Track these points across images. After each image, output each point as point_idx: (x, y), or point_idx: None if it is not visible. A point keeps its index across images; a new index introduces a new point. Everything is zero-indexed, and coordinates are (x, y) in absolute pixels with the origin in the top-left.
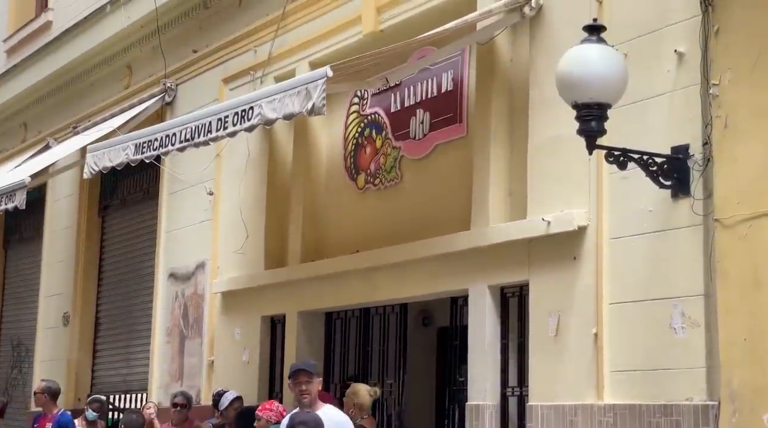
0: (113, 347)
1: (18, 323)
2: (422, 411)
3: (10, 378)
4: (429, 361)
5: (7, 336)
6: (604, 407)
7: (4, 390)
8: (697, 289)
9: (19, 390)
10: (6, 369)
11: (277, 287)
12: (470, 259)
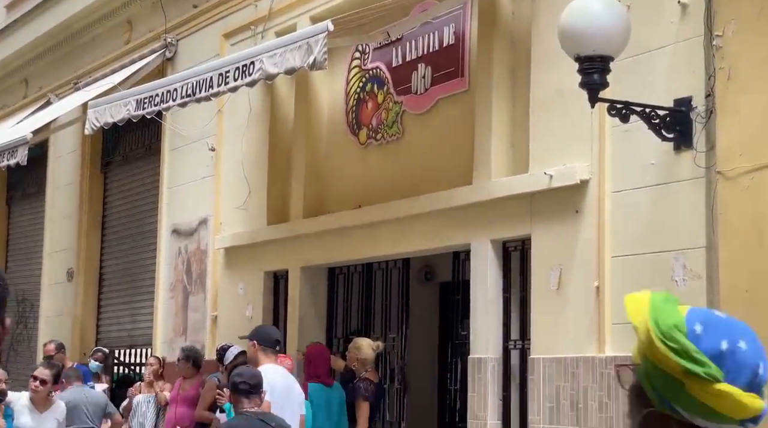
0: (117, 302)
1: (22, 279)
2: (425, 364)
3: (16, 334)
4: (431, 316)
5: (12, 292)
6: (605, 359)
7: (10, 345)
8: (699, 242)
9: (24, 345)
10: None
11: (280, 242)
12: (472, 214)
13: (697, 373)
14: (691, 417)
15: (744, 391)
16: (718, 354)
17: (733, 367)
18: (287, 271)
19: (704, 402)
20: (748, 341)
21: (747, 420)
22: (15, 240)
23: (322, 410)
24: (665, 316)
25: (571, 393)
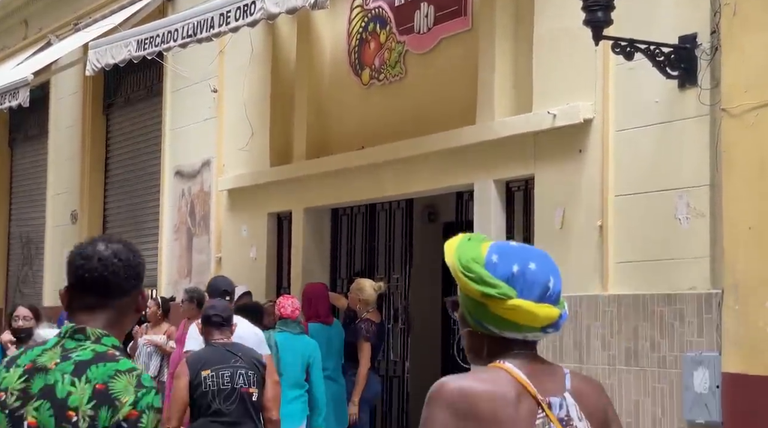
0: None
1: (27, 221)
2: (428, 304)
3: (21, 275)
4: (435, 256)
5: (17, 234)
6: (608, 297)
7: (16, 287)
8: (703, 180)
9: (29, 287)
10: (17, 267)
11: (283, 184)
12: (475, 154)
13: (492, 294)
14: (500, 332)
15: (536, 303)
16: (511, 276)
17: (524, 285)
18: (290, 213)
19: (505, 317)
20: (537, 262)
21: (547, 326)
22: (18, 182)
23: (323, 348)
24: (466, 252)
25: (574, 332)
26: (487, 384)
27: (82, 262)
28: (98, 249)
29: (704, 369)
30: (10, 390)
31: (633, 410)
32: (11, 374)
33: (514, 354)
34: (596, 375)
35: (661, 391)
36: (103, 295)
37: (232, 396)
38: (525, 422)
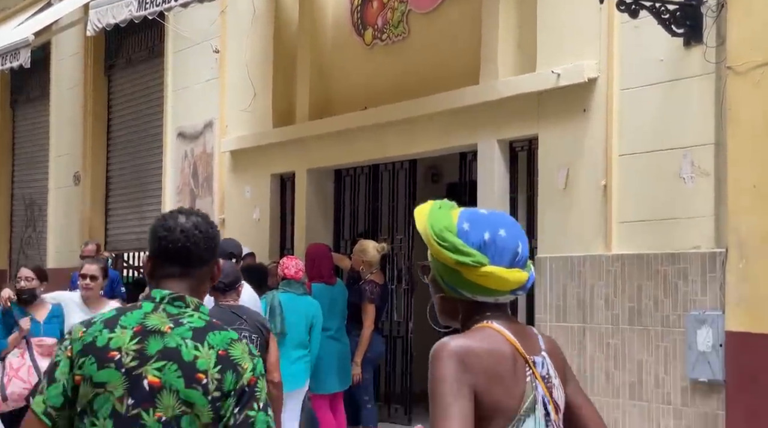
0: (125, 206)
1: (30, 183)
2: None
3: (25, 237)
4: None
5: (20, 196)
6: (611, 257)
7: (20, 249)
8: (708, 138)
9: (34, 248)
10: (20, 229)
11: (286, 145)
12: (479, 114)
13: (467, 262)
14: (473, 296)
15: (507, 269)
16: (483, 244)
17: (496, 252)
18: (293, 174)
19: (478, 283)
20: (507, 229)
21: (516, 289)
22: (20, 144)
23: (326, 308)
24: (438, 220)
25: (577, 291)
26: (485, 342)
27: (165, 234)
28: (180, 222)
29: (707, 327)
30: (125, 350)
31: (636, 369)
32: (119, 335)
33: (493, 316)
34: (600, 335)
35: (665, 350)
36: (185, 265)
37: None
38: (520, 378)
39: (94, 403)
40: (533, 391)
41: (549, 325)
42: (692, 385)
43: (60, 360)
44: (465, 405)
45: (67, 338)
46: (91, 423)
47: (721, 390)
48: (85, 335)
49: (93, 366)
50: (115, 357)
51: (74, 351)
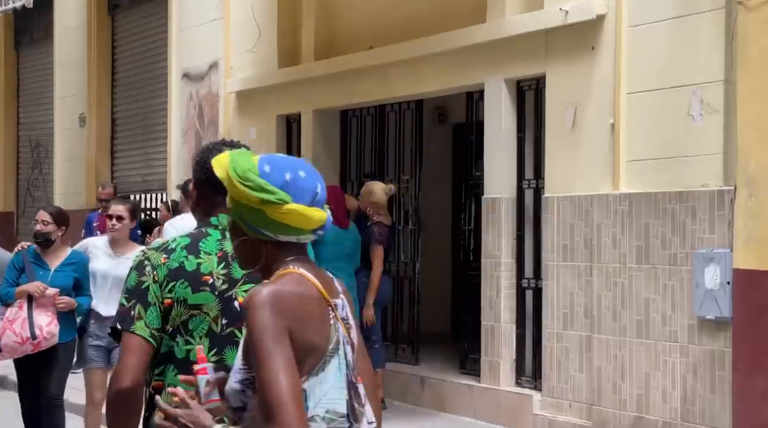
0: (131, 148)
1: (35, 124)
2: (439, 205)
3: (32, 179)
4: (445, 157)
5: (26, 138)
6: (619, 196)
7: (27, 191)
8: (718, 75)
9: (41, 190)
10: (27, 170)
11: (292, 86)
12: (486, 53)
13: (271, 200)
14: (276, 235)
15: (308, 207)
16: (284, 184)
17: (297, 191)
18: (299, 115)
19: (282, 221)
20: (306, 171)
21: (317, 228)
22: (25, 85)
23: (336, 249)
24: (240, 164)
25: (585, 230)
26: (295, 286)
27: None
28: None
29: (715, 265)
30: (216, 275)
31: (644, 308)
32: (206, 260)
33: (297, 260)
34: (607, 274)
35: (672, 288)
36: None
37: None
38: (325, 320)
39: (189, 324)
40: (336, 332)
41: (556, 265)
42: (699, 323)
43: (148, 285)
44: (286, 351)
45: (147, 264)
46: (186, 342)
47: (728, 327)
48: (169, 261)
49: (187, 289)
50: (209, 281)
51: (161, 276)
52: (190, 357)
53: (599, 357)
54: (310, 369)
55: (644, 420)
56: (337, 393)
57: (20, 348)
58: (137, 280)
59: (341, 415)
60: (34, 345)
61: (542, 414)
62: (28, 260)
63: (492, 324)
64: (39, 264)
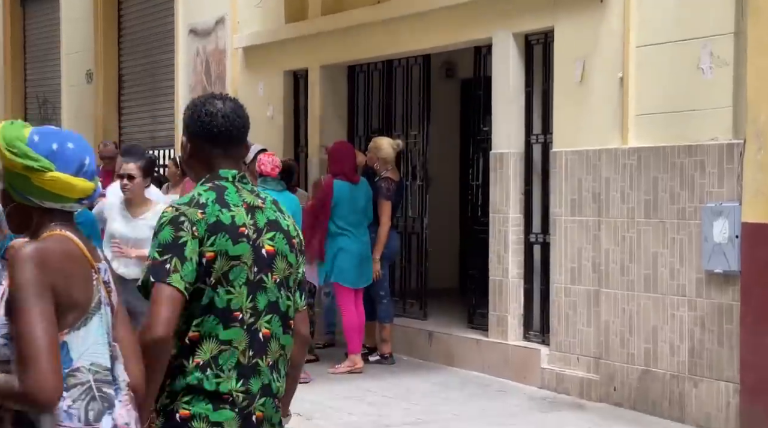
0: (138, 104)
1: (42, 81)
2: (447, 160)
3: None
4: (452, 112)
5: (33, 94)
6: (628, 150)
7: None
8: (728, 27)
9: None
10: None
11: (299, 41)
12: (494, 6)
13: (33, 166)
14: (41, 202)
15: (73, 176)
16: (50, 153)
17: (63, 161)
18: (307, 70)
19: (45, 188)
20: (75, 143)
21: (82, 198)
22: (32, 42)
23: (349, 205)
24: (9, 133)
25: (593, 185)
26: (59, 245)
27: (208, 119)
28: (219, 107)
29: (724, 219)
30: (248, 225)
31: (652, 262)
32: (237, 212)
33: (63, 225)
34: (615, 229)
35: (680, 242)
36: (227, 146)
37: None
38: (88, 280)
39: (230, 274)
40: (98, 293)
41: (564, 219)
42: (707, 277)
43: (186, 240)
44: (45, 305)
45: (184, 219)
46: (227, 291)
47: (736, 281)
48: (206, 216)
49: (228, 242)
50: (245, 232)
51: (201, 231)
52: (230, 306)
53: (607, 312)
54: (72, 324)
55: (651, 374)
56: (100, 348)
57: None
58: (173, 235)
59: (105, 368)
60: None
61: (550, 368)
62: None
63: (500, 279)
64: None
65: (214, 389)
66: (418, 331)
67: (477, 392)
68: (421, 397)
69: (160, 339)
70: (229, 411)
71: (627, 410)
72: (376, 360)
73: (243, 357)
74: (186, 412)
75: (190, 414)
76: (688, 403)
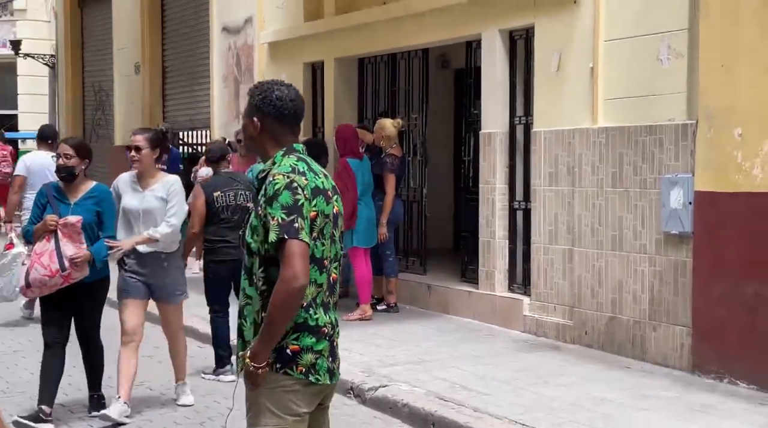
0: (179, 92)
1: (98, 72)
2: (443, 139)
3: (96, 119)
4: (448, 98)
5: (90, 84)
6: (597, 130)
7: (92, 129)
8: (683, 24)
9: (103, 129)
10: (92, 112)
11: (316, 37)
12: (483, 7)
13: None
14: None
15: None
16: None
17: None
18: (323, 62)
19: None
20: None
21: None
22: (89, 38)
23: (360, 179)
24: None
25: (567, 160)
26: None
27: (280, 102)
28: (285, 92)
29: (679, 188)
30: (328, 189)
31: (618, 224)
32: (322, 178)
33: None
34: (586, 197)
35: (642, 208)
36: (293, 124)
37: (236, 209)
38: None
39: (324, 229)
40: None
41: (543, 189)
42: (665, 237)
43: (303, 202)
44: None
45: (296, 185)
46: (321, 243)
47: (689, 241)
48: (309, 182)
49: (324, 202)
50: (330, 195)
51: (309, 194)
52: (323, 255)
53: (579, 267)
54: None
55: (617, 320)
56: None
57: (50, 282)
58: (293, 198)
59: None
60: (64, 278)
61: (531, 316)
62: (52, 195)
63: (488, 240)
64: (60, 198)
65: (314, 324)
66: (419, 284)
67: (469, 336)
68: (421, 340)
69: (304, 286)
70: (325, 341)
71: (596, 350)
72: (383, 309)
73: (325, 296)
74: (296, 347)
75: (299, 348)
76: (648, 344)
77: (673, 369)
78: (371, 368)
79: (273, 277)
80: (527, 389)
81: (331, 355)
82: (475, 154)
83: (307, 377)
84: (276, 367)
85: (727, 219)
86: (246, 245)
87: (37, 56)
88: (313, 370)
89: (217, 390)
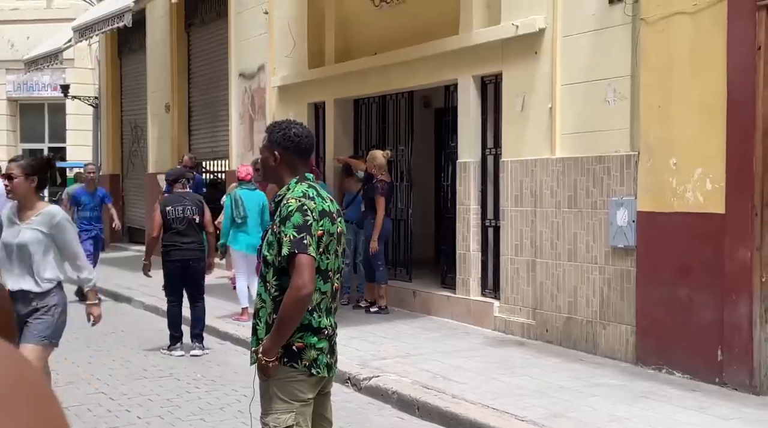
0: (203, 127)
1: (134, 111)
2: (425, 167)
3: (132, 151)
4: (429, 133)
5: (127, 121)
6: (555, 160)
7: (129, 159)
8: (626, 71)
9: (138, 158)
10: (128, 145)
11: (318, 81)
12: (459, 56)
13: None
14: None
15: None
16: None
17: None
18: (324, 103)
19: None
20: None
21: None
22: (126, 83)
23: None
24: None
25: (531, 185)
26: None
27: (297, 138)
28: (300, 130)
29: (624, 209)
30: (334, 212)
31: (573, 239)
32: (329, 203)
33: None
34: (546, 216)
35: (593, 226)
36: (306, 156)
37: (183, 220)
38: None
39: (329, 246)
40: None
41: (510, 210)
42: (612, 250)
43: (311, 223)
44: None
45: (306, 208)
46: (326, 258)
47: (633, 253)
48: (317, 206)
49: (329, 223)
50: (334, 217)
51: (317, 216)
52: (328, 267)
53: (541, 275)
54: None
55: (573, 320)
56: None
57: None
58: (303, 219)
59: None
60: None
61: (500, 316)
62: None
63: (464, 253)
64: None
65: (317, 326)
66: (406, 290)
67: (448, 333)
68: (408, 337)
69: (310, 293)
70: (325, 340)
71: (555, 346)
72: (375, 311)
73: (328, 302)
74: (300, 344)
75: (303, 345)
76: (599, 341)
77: (620, 361)
78: (365, 361)
79: (285, 285)
80: (497, 378)
81: (330, 352)
82: (452, 180)
83: (309, 370)
84: (284, 361)
85: (664, 234)
86: (263, 258)
87: (82, 98)
88: (314, 364)
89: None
